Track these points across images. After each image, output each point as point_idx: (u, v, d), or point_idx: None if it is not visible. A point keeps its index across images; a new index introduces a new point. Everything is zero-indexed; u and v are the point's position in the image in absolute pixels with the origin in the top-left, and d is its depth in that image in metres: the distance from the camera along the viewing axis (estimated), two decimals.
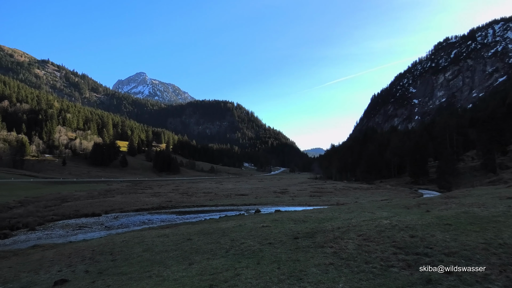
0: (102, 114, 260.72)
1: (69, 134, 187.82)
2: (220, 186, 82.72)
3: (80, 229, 25.77)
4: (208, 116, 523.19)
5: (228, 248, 10.53)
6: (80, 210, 35.71)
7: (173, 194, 57.35)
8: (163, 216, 32.32)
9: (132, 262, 10.29)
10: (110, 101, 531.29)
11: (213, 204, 41.92)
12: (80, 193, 57.50)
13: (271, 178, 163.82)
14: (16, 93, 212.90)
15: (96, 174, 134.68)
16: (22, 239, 22.26)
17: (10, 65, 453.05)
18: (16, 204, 40.74)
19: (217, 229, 14.55)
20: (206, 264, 8.73)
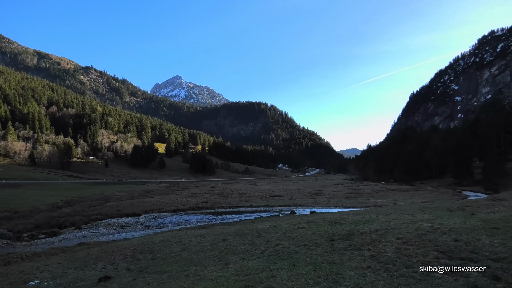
0: (141, 117, 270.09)
1: (111, 137, 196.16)
2: (255, 187, 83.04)
3: (121, 228, 26.80)
4: (242, 117, 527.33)
5: (263, 249, 10.54)
6: (122, 210, 37.14)
7: (209, 195, 58.27)
8: (199, 217, 32.92)
9: (171, 261, 10.55)
10: (148, 105, 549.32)
11: (248, 205, 42.17)
12: (121, 194, 59.84)
13: (306, 179, 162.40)
14: (63, 98, 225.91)
15: (136, 175, 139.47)
16: (69, 237, 23.47)
17: (57, 73, 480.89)
18: (64, 203, 43.10)
19: (252, 230, 14.61)
20: (242, 265, 8.79)
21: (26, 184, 66.66)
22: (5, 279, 10.62)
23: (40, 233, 24.39)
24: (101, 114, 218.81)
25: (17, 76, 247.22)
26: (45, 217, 30.63)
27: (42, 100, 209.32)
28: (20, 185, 63.27)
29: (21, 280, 10.40)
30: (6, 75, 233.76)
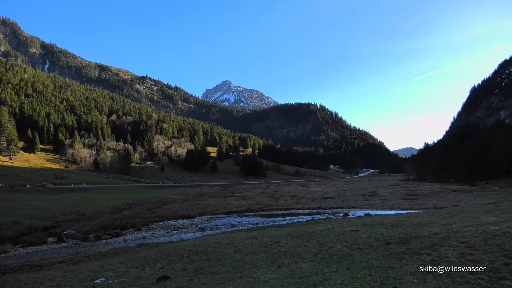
0: (193, 122, 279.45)
1: (165, 142, 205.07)
2: (306, 189, 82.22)
3: (177, 230, 27.86)
4: (291, 119, 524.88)
5: (316, 252, 10.41)
6: (177, 212, 38.61)
7: (260, 197, 58.68)
8: (251, 219, 33.26)
9: (224, 263, 10.77)
10: (199, 110, 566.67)
11: (300, 207, 41.85)
12: (176, 197, 62.30)
13: (359, 180, 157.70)
14: (122, 107, 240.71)
15: (190, 179, 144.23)
16: (130, 238, 24.85)
17: (116, 83, 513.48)
18: (125, 206, 45.81)
19: (304, 233, 14.48)
20: (295, 267, 8.75)
21: (91, 188, 71.73)
22: (74, 277, 11.49)
23: (105, 234, 26.10)
24: (156, 120, 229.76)
25: (81, 88, 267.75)
26: (109, 219, 32.78)
27: (103, 109, 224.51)
28: (86, 189, 68.19)
29: (88, 277, 11.19)
30: (72, 88, 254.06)
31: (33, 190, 56.67)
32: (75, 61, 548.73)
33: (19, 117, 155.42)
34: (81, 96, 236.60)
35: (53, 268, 14.02)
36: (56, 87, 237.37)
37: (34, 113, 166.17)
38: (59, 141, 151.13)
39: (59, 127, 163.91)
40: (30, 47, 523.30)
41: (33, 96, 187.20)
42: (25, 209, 35.99)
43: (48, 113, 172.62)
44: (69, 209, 39.14)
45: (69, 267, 13.88)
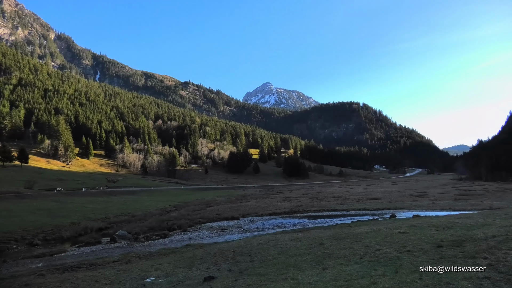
0: (235, 125, 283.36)
1: (209, 145, 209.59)
2: (350, 190, 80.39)
3: (222, 231, 28.33)
4: (333, 119, 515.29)
5: (362, 254, 10.15)
6: (221, 214, 39.28)
7: (303, 199, 58.21)
8: (294, 220, 33.07)
9: (269, 264, 10.80)
10: (241, 113, 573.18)
11: (344, 209, 41.00)
12: (220, 199, 63.43)
13: (406, 180, 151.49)
14: (167, 112, 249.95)
15: (233, 181, 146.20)
16: (177, 239, 25.63)
17: (161, 89, 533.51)
18: (172, 208, 47.39)
19: (349, 234, 14.18)
20: (340, 270, 8.59)
21: (140, 191, 74.92)
22: (127, 276, 12.06)
23: (153, 235, 27.13)
24: (200, 124, 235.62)
25: (129, 96, 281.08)
26: (157, 220, 34.06)
27: (150, 115, 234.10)
28: (136, 192, 71.33)
29: (139, 276, 11.69)
30: (121, 96, 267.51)
31: (88, 193, 60.22)
32: (123, 70, 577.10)
33: (75, 125, 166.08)
34: (129, 103, 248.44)
35: (107, 267, 14.80)
36: (106, 95, 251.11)
37: (88, 120, 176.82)
38: (110, 147, 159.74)
39: (110, 133, 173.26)
40: (83, 59, 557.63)
41: (86, 105, 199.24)
42: (81, 211, 38.32)
43: (100, 120, 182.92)
44: (121, 211, 41.14)
45: (122, 266, 14.58)
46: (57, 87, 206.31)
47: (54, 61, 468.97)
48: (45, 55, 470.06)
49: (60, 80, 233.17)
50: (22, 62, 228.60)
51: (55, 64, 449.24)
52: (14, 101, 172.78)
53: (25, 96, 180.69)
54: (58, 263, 16.64)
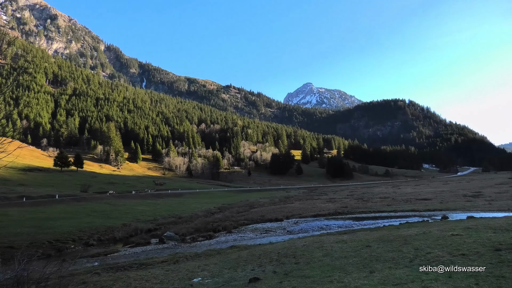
0: (277, 126, 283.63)
1: (251, 147, 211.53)
2: (398, 190, 77.46)
3: (266, 233, 28.43)
4: (378, 117, 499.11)
5: (412, 257, 9.75)
6: (265, 215, 39.43)
7: (348, 200, 56.96)
8: (339, 222, 32.45)
9: (314, 266, 10.69)
10: (282, 114, 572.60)
11: (391, 210, 39.60)
12: (263, 200, 63.69)
13: (458, 179, 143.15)
14: (210, 116, 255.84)
15: (276, 182, 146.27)
16: (222, 240, 26.08)
17: (204, 94, 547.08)
18: (216, 210, 48.34)
19: (397, 237, 13.68)
20: (388, 273, 8.31)
21: (185, 193, 77.12)
22: (175, 275, 12.46)
23: (199, 236, 27.80)
24: (242, 127, 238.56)
25: (173, 101, 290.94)
26: (202, 222, 34.88)
27: (193, 119, 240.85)
28: (182, 194, 73.51)
29: (187, 277, 12.03)
30: (166, 101, 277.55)
31: (138, 196, 62.97)
32: (167, 77, 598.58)
33: (124, 131, 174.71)
34: (173, 108, 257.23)
35: (156, 266, 15.39)
36: (152, 102, 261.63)
37: (136, 126, 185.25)
38: (156, 151, 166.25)
39: (156, 138, 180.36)
40: (130, 68, 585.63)
41: (134, 111, 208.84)
42: (131, 213, 40.17)
43: (147, 125, 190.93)
44: (168, 212, 42.61)
45: (170, 266, 15.10)
46: (107, 96, 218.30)
47: (104, 71, 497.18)
48: (96, 65, 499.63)
49: (110, 88, 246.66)
50: (76, 73, 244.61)
51: (105, 74, 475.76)
52: (70, 110, 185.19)
53: (79, 105, 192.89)
54: (112, 263, 17.56)
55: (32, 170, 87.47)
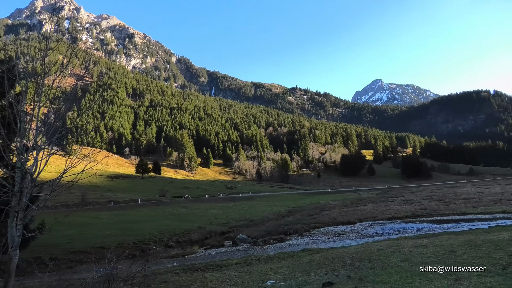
0: (345, 126, 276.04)
1: (319, 149, 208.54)
2: (485, 191, 70.44)
3: (338, 236, 27.76)
4: (458, 111, 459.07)
5: (505, 264, 8.80)
6: (337, 218, 38.51)
7: (427, 201, 53.31)
8: (418, 225, 30.52)
9: (391, 272, 10.17)
10: (351, 113, 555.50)
11: (478, 212, 36.19)
12: (335, 203, 62.24)
13: None
14: (277, 119, 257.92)
15: (347, 184, 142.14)
16: (293, 243, 26.03)
17: (270, 98, 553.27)
18: (286, 213, 48.39)
19: (486, 241, 12.45)
20: (477, 282, 7.59)
21: (256, 196, 78.45)
22: (248, 277, 12.71)
23: (271, 239, 28.06)
24: (309, 128, 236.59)
25: (241, 107, 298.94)
26: (273, 225, 35.16)
27: (261, 123, 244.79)
28: (252, 198, 74.92)
29: (260, 279, 12.20)
30: (234, 107, 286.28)
31: (211, 200, 65.60)
32: (234, 83, 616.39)
33: (196, 138, 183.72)
34: (241, 113, 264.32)
35: (230, 268, 15.85)
36: (221, 108, 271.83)
37: (206, 133, 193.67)
38: (227, 156, 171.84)
39: (226, 143, 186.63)
40: (200, 77, 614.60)
41: (204, 118, 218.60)
42: (206, 216, 41.95)
43: (217, 131, 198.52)
44: (239, 216, 43.70)
45: (243, 268, 15.44)
46: (180, 105, 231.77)
47: (176, 81, 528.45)
48: (169, 77, 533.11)
49: (182, 98, 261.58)
50: (151, 86, 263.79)
51: (177, 85, 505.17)
52: (147, 120, 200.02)
53: (155, 115, 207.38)
54: (189, 263, 18.49)
55: (118, 177, 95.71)
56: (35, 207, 10.25)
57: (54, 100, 11.11)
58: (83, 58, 12.19)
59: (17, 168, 9.52)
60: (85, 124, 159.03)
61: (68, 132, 11.55)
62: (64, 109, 10.88)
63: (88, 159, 9.95)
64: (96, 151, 11.61)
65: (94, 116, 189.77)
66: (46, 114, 10.91)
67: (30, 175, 9.45)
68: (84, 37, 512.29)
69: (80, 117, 22.84)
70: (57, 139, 10.45)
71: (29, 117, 10.27)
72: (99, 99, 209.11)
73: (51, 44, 10.34)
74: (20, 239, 9.06)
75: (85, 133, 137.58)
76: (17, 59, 14.07)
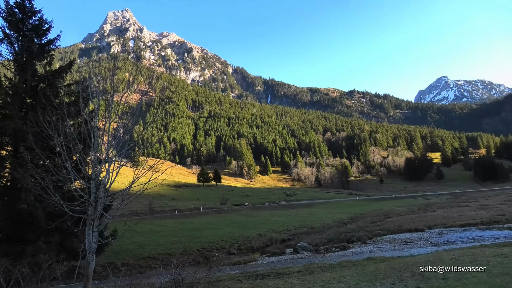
0: (409, 128, 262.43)
1: (381, 153, 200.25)
2: None
3: (405, 244, 26.30)
4: None
5: None
6: (403, 225, 36.54)
7: (506, 206, 48.56)
8: (496, 232, 27.91)
9: (466, 283, 9.41)
10: (414, 114, 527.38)
11: None
12: (400, 209, 59.19)
13: None
14: (335, 124, 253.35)
15: (413, 189, 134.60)
16: (357, 251, 25.14)
17: (327, 102, 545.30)
18: (348, 220, 46.99)
19: None
20: None
21: (315, 203, 77.24)
22: (311, 286, 12.50)
23: (333, 247, 27.38)
24: (369, 132, 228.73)
25: (297, 113, 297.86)
26: (335, 232, 34.30)
27: (318, 129, 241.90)
28: (312, 205, 73.87)
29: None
30: (290, 114, 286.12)
31: (270, 207, 65.82)
32: (290, 90, 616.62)
33: (253, 146, 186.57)
34: (298, 120, 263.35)
35: (292, 276, 15.71)
36: (277, 115, 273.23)
37: (264, 140, 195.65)
38: (285, 163, 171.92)
39: (283, 150, 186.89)
40: (255, 86, 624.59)
41: (261, 126, 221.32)
42: (266, 224, 42.13)
43: (274, 139, 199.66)
44: (300, 223, 43.26)
45: (305, 276, 15.23)
46: (237, 114, 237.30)
47: (233, 91, 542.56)
48: (226, 88, 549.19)
49: (239, 107, 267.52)
50: (210, 97, 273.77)
51: (234, 94, 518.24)
52: (207, 130, 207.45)
53: (214, 125, 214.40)
54: (251, 271, 18.65)
55: (181, 186, 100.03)
56: (108, 216, 11.09)
57: (122, 115, 12.00)
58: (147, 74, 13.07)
59: (92, 179, 10.40)
60: (150, 136, 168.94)
61: (135, 145, 12.40)
62: (131, 123, 11.69)
63: (154, 170, 10.57)
64: (160, 162, 12.29)
65: (158, 128, 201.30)
66: (115, 129, 11.82)
67: (103, 185, 10.27)
68: (147, 55, 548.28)
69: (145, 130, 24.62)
70: (126, 152, 11.24)
71: (101, 132, 11.19)
72: (162, 112, 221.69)
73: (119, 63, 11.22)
74: (96, 245, 9.84)
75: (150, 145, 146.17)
76: (90, 80, 15.47)
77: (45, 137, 10.74)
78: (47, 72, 15.78)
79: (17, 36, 15.39)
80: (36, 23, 15.87)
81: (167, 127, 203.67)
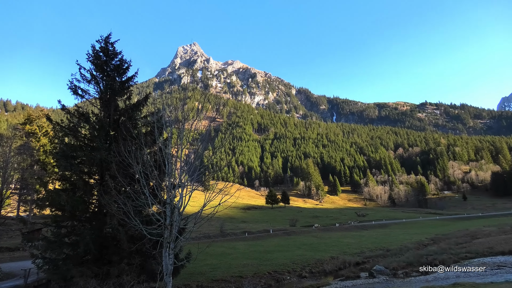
0: (493, 139, 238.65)
1: (461, 167, 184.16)
2: None
3: (498, 269, 23.52)
4: None
5: None
6: (494, 247, 32.80)
7: None
8: None
9: None
10: (498, 124, 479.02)
11: None
12: (489, 229, 53.31)
13: None
14: (406, 139, 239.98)
15: (503, 206, 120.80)
16: (441, 276, 23.01)
17: (396, 117, 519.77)
18: (429, 241, 43.46)
19: None
20: None
21: (390, 224, 72.87)
22: None
23: (413, 271, 25.40)
24: (446, 145, 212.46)
25: (365, 130, 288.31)
26: (414, 255, 31.82)
27: (388, 145, 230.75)
28: (386, 225, 69.81)
29: None
30: (358, 131, 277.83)
31: (341, 228, 63.44)
32: (356, 106, 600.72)
33: (321, 165, 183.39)
34: (366, 136, 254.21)
35: None
36: (344, 133, 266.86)
37: (331, 160, 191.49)
38: (354, 182, 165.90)
39: (352, 168, 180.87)
40: (320, 105, 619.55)
41: (328, 145, 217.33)
42: (337, 246, 40.59)
43: (342, 157, 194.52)
44: (374, 245, 40.96)
45: None
46: (302, 135, 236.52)
47: (297, 112, 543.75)
48: (290, 109, 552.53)
49: (304, 127, 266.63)
50: (275, 119, 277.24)
51: (299, 115, 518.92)
52: (273, 152, 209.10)
53: (280, 147, 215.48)
54: None
55: (250, 208, 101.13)
56: (183, 238, 11.57)
57: (193, 141, 12.65)
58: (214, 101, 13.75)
59: (167, 203, 11.01)
60: (219, 160, 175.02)
61: (205, 169, 12.93)
62: (201, 148, 12.26)
63: (223, 193, 10.88)
64: (230, 185, 12.60)
65: (226, 152, 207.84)
66: (187, 155, 12.47)
67: (177, 209, 10.80)
68: (213, 83, 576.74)
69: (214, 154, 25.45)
70: (197, 176, 11.76)
71: (174, 158, 11.88)
72: (229, 137, 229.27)
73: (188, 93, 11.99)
74: (172, 267, 10.28)
75: (220, 169, 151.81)
76: (163, 110, 16.70)
77: (126, 165, 11.69)
78: (127, 106, 17.30)
79: (102, 76, 17.23)
80: (117, 63, 17.65)
81: (235, 151, 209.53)
